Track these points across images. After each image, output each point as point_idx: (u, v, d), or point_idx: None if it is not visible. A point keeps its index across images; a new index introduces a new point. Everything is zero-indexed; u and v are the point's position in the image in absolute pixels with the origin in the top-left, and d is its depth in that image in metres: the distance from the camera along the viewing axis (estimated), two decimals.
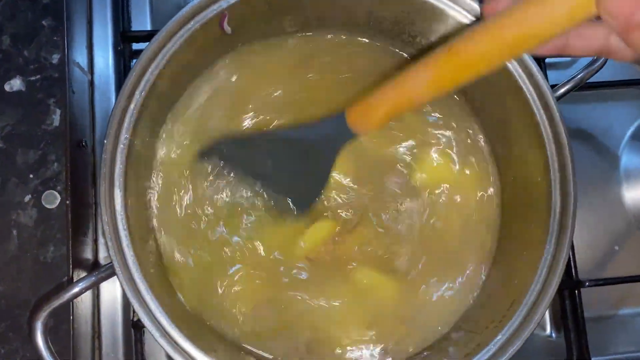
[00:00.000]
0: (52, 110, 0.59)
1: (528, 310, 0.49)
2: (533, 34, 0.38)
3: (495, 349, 0.49)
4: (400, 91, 0.47)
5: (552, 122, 0.51)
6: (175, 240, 0.56)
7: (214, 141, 0.57)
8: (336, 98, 0.57)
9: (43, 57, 0.60)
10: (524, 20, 0.37)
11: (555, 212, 0.51)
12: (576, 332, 0.66)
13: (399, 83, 0.46)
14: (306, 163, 0.56)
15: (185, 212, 0.56)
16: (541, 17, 0.37)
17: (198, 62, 0.55)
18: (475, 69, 0.42)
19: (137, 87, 0.48)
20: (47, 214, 0.57)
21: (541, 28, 0.37)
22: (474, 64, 0.42)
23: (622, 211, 0.75)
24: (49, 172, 0.58)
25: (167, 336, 0.46)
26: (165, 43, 0.49)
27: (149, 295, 0.46)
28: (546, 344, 0.71)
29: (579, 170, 0.52)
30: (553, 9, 0.36)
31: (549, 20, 0.36)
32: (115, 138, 0.47)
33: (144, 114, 0.49)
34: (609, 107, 0.78)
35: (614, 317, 0.74)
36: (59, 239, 0.57)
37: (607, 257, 0.74)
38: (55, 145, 0.58)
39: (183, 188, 0.57)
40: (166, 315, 0.46)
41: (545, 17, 0.36)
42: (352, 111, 0.51)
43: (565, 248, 0.49)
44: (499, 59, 0.42)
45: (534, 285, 0.50)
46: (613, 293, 0.73)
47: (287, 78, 0.60)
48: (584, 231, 0.74)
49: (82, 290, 0.46)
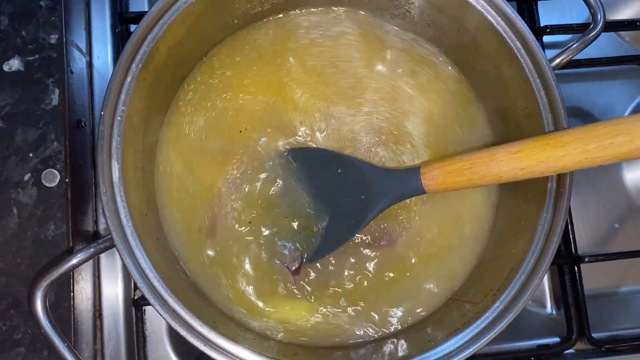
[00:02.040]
0: (51, 90, 0.59)
1: (525, 279, 0.50)
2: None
3: (493, 316, 0.49)
4: (488, 169, 0.48)
5: (547, 91, 0.51)
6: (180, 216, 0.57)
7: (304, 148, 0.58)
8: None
9: (41, 38, 0.60)
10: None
11: (552, 180, 0.51)
12: (576, 308, 0.66)
13: (488, 162, 0.48)
14: (350, 204, 0.55)
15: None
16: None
17: (197, 37, 0.56)
18: (572, 165, 0.45)
19: (133, 59, 0.48)
20: (47, 192, 0.57)
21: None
22: (574, 160, 0.44)
23: (622, 190, 0.76)
24: (49, 151, 0.58)
25: (165, 305, 0.46)
26: (161, 15, 0.49)
27: (148, 265, 0.47)
28: (547, 321, 0.71)
29: None
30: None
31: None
32: (112, 110, 0.48)
33: (141, 86, 0.49)
34: (607, 85, 0.78)
35: (615, 294, 0.74)
36: (59, 217, 0.57)
37: (607, 235, 0.74)
38: (54, 124, 0.58)
39: (190, 164, 0.57)
40: (164, 284, 0.46)
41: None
42: (430, 171, 0.52)
43: (561, 216, 0.50)
44: (600, 161, 0.44)
45: (531, 254, 0.50)
46: (614, 271, 0.73)
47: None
48: (585, 210, 0.74)
49: (80, 261, 0.46)
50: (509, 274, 0.50)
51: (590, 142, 0.43)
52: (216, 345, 0.46)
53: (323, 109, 0.60)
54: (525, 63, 0.52)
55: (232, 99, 0.59)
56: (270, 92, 0.60)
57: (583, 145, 0.44)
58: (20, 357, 0.55)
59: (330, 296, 0.57)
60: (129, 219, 0.47)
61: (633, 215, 0.75)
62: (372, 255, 0.58)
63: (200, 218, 0.57)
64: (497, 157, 0.48)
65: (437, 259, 0.58)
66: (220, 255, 0.56)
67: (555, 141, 0.45)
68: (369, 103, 0.60)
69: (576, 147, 0.44)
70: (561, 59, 0.53)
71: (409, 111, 0.60)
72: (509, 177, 0.48)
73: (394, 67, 0.61)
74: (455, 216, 0.59)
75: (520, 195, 0.55)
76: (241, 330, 0.53)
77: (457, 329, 0.49)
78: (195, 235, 0.57)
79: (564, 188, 0.50)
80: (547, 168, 0.46)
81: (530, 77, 0.52)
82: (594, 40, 0.54)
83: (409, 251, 0.58)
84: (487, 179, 0.49)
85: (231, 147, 0.58)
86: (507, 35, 0.52)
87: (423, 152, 0.59)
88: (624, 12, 0.82)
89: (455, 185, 0.51)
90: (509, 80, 0.54)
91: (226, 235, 0.57)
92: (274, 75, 0.60)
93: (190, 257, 0.56)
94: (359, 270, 0.58)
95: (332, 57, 0.61)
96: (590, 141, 0.43)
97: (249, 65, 0.60)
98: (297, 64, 0.60)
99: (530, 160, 0.46)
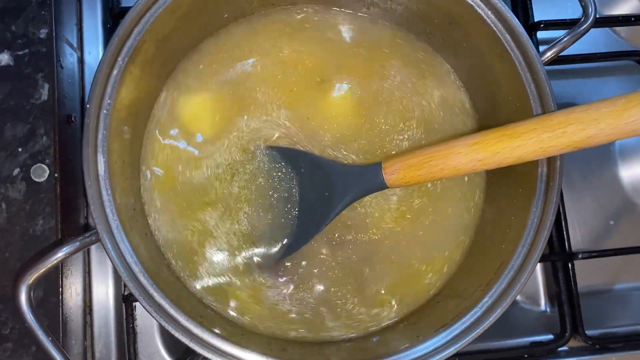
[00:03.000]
0: (41, 84, 0.59)
1: (515, 273, 0.49)
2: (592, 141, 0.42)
3: (481, 311, 0.48)
4: (447, 162, 0.49)
5: (537, 84, 0.51)
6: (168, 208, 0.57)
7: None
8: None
9: (31, 32, 0.60)
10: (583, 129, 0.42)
11: (542, 175, 0.50)
12: (569, 305, 0.66)
13: (447, 154, 0.49)
14: (316, 200, 0.56)
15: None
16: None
17: (186, 30, 0.55)
18: (527, 155, 0.45)
19: (120, 52, 0.48)
20: (36, 187, 0.57)
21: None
22: (529, 150, 0.44)
23: (618, 186, 0.75)
24: (38, 146, 0.58)
25: (151, 299, 0.46)
26: (148, 7, 0.49)
27: (133, 259, 0.46)
28: (541, 318, 0.71)
29: None
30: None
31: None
32: (98, 103, 0.47)
33: (128, 79, 0.49)
34: (603, 82, 0.78)
35: (610, 291, 0.73)
36: (48, 212, 0.57)
37: (602, 231, 0.74)
38: (43, 119, 0.58)
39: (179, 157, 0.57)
40: (150, 279, 0.46)
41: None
42: (391, 166, 0.53)
43: (551, 211, 0.49)
44: (555, 150, 0.44)
45: (520, 248, 0.50)
46: (609, 268, 0.73)
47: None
48: (580, 206, 0.73)
49: (66, 255, 0.46)
50: (499, 269, 0.50)
51: (544, 132, 0.43)
52: (202, 340, 0.46)
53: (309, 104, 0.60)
54: (515, 56, 0.52)
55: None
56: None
57: (538, 135, 0.44)
58: (8, 353, 0.55)
59: (315, 291, 0.57)
60: (114, 213, 0.47)
61: (628, 212, 0.75)
62: (357, 250, 0.58)
63: (186, 212, 0.57)
64: (455, 149, 0.48)
65: (426, 254, 0.58)
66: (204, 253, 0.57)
67: (512, 132, 0.45)
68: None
69: (531, 137, 0.44)
70: (552, 53, 0.53)
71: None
72: (467, 169, 0.48)
73: (382, 62, 0.61)
74: (444, 211, 0.59)
75: (511, 190, 0.55)
76: (228, 326, 0.52)
77: (445, 324, 0.49)
78: (181, 232, 0.56)
79: (553, 182, 0.50)
80: (503, 159, 0.46)
81: (520, 70, 0.51)
82: (585, 34, 0.53)
83: (396, 247, 0.58)
84: (447, 172, 0.49)
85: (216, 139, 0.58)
86: (497, 28, 0.52)
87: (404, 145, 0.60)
88: (621, 7, 0.81)
89: (416, 179, 0.51)
90: (500, 74, 0.54)
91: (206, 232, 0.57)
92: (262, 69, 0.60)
93: (178, 253, 0.56)
94: (344, 265, 0.58)
95: (325, 53, 0.61)
96: (544, 131, 0.43)
97: (237, 59, 0.59)
98: (286, 58, 0.60)
99: (487, 152, 0.46)
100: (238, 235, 0.57)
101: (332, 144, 0.59)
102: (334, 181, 0.55)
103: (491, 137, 0.47)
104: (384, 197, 0.59)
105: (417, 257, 0.58)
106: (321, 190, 0.56)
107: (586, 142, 0.43)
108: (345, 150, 0.59)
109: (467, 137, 0.48)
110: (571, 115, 0.43)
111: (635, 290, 0.73)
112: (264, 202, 0.58)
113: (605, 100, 0.43)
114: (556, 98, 0.73)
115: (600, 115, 0.42)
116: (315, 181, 0.56)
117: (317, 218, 0.56)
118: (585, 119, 0.42)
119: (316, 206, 0.56)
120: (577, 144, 0.43)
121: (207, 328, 0.46)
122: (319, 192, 0.56)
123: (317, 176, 0.56)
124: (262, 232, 0.57)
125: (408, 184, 0.54)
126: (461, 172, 0.49)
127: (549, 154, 0.45)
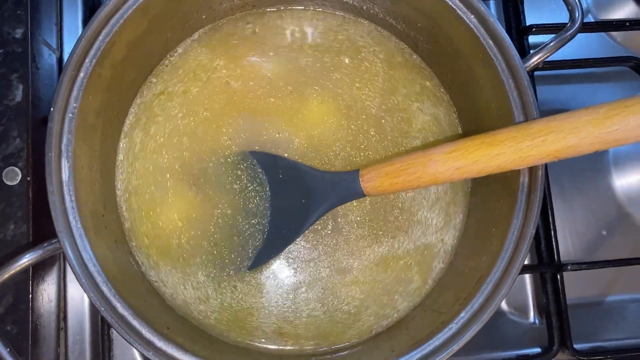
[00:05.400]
0: (15, 85, 0.58)
1: (493, 288, 0.47)
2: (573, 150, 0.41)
3: (457, 327, 0.47)
4: (424, 170, 0.47)
5: (520, 92, 0.49)
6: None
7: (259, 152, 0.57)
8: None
9: (6, 32, 0.59)
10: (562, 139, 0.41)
11: (523, 186, 0.49)
12: (558, 318, 0.64)
13: (425, 162, 0.47)
14: (292, 208, 0.55)
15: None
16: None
17: (160, 31, 0.54)
18: (507, 164, 0.44)
19: (87, 54, 0.46)
20: (7, 191, 0.56)
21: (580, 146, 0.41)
22: (508, 158, 0.43)
23: (611, 196, 0.73)
24: (11, 148, 0.57)
25: (113, 310, 0.44)
26: (118, 8, 0.47)
27: (96, 268, 0.45)
28: (529, 331, 0.69)
29: None
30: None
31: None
32: (63, 107, 0.46)
33: (97, 82, 0.48)
34: (598, 87, 0.76)
35: (602, 304, 0.71)
36: (20, 217, 0.56)
37: (595, 242, 0.72)
38: (17, 121, 0.57)
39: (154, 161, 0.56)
40: (113, 289, 0.44)
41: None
42: (368, 173, 0.51)
43: (531, 223, 0.48)
44: (535, 160, 0.43)
45: (500, 261, 0.48)
46: (601, 279, 0.71)
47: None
48: (572, 216, 0.72)
49: (27, 263, 0.44)
50: (477, 282, 0.48)
51: (524, 140, 0.42)
52: (165, 353, 0.44)
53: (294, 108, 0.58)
54: (498, 62, 0.50)
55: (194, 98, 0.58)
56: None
57: (517, 144, 0.42)
58: None
59: (285, 303, 0.56)
60: (78, 220, 0.45)
61: (622, 222, 0.73)
62: (335, 261, 0.57)
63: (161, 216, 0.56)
64: (433, 157, 0.47)
65: (404, 266, 0.57)
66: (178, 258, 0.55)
67: (491, 140, 0.44)
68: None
69: (511, 145, 0.43)
70: (537, 58, 0.51)
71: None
72: (445, 178, 0.47)
73: (362, 67, 0.60)
74: (426, 222, 0.58)
75: (492, 202, 0.53)
76: (197, 335, 0.51)
77: (421, 339, 0.47)
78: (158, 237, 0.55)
79: (535, 194, 0.48)
80: (482, 167, 0.44)
81: (503, 77, 0.50)
82: (572, 39, 0.51)
83: (374, 258, 0.57)
84: (424, 180, 0.48)
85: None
86: (479, 33, 0.50)
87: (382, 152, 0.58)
88: (618, 12, 0.79)
89: (393, 187, 0.50)
90: (483, 81, 0.52)
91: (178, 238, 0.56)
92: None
93: (152, 260, 0.54)
94: (320, 277, 0.57)
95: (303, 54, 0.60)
96: (524, 139, 0.42)
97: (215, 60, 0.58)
98: (266, 61, 0.59)
99: (466, 160, 0.45)
100: (211, 243, 0.56)
101: (309, 152, 0.58)
102: (311, 188, 0.54)
103: (470, 144, 0.45)
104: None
105: (397, 269, 0.57)
106: (298, 198, 0.54)
107: (567, 152, 0.41)
108: (323, 158, 0.58)
109: (446, 145, 0.47)
110: (551, 123, 0.42)
111: (626, 303, 0.71)
112: (238, 209, 0.56)
113: (588, 109, 0.41)
114: (549, 104, 0.73)
115: (581, 123, 0.40)
116: (292, 188, 0.55)
117: (293, 226, 0.54)
118: (565, 127, 0.41)
119: (292, 214, 0.55)
120: (557, 153, 0.42)
121: (172, 340, 0.45)
122: (295, 199, 0.55)
123: (294, 182, 0.55)
124: (235, 240, 0.56)
125: (385, 192, 0.52)
126: (439, 181, 0.48)
127: (529, 163, 0.43)
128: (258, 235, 0.56)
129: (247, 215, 0.56)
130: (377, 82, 0.59)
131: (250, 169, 0.57)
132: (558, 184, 0.71)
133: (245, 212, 0.56)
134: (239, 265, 0.56)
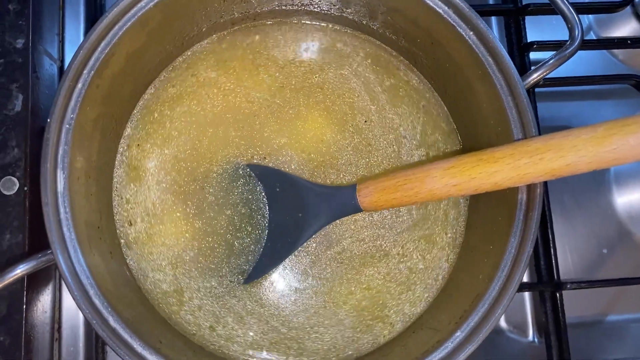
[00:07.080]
0: (15, 95, 0.58)
1: (489, 307, 0.47)
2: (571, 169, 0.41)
3: (452, 346, 0.46)
4: (422, 186, 0.47)
5: (519, 109, 0.49)
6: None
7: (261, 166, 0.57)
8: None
9: (7, 42, 0.59)
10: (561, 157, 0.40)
11: (521, 203, 0.48)
12: (557, 336, 0.63)
13: (422, 178, 0.47)
14: (289, 222, 0.55)
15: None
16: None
17: (160, 43, 0.54)
18: (504, 182, 0.43)
19: (85, 65, 0.46)
20: (4, 200, 0.56)
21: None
22: (506, 176, 0.43)
23: (613, 214, 0.73)
24: (9, 158, 0.57)
25: (105, 323, 0.44)
26: (117, 20, 0.47)
27: (89, 281, 0.45)
28: (528, 350, 0.68)
29: None
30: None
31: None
32: (60, 118, 0.46)
33: (94, 93, 0.47)
34: (600, 105, 0.76)
35: (602, 323, 0.70)
36: (16, 226, 0.56)
37: (596, 260, 0.71)
38: (16, 130, 0.57)
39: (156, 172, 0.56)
40: (106, 301, 0.44)
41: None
42: (365, 188, 0.51)
43: (529, 241, 0.47)
44: (532, 177, 0.42)
45: (496, 280, 0.47)
46: (601, 298, 0.70)
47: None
48: (573, 234, 0.71)
49: (21, 274, 0.44)
50: (474, 301, 0.48)
51: (521, 158, 0.42)
52: None
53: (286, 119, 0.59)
54: (497, 80, 0.50)
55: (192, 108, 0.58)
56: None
57: (515, 161, 0.42)
58: None
59: (284, 317, 0.56)
60: (72, 231, 0.45)
61: (623, 241, 0.72)
62: (331, 276, 0.56)
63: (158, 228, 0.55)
64: (430, 173, 0.46)
65: (400, 283, 0.56)
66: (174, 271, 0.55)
67: (488, 157, 0.44)
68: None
69: (508, 162, 0.42)
70: (536, 76, 0.51)
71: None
72: (442, 194, 0.46)
73: (362, 81, 0.60)
74: (425, 239, 0.58)
75: (490, 220, 0.53)
76: (189, 349, 0.50)
77: (415, 357, 0.47)
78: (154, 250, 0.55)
79: (533, 211, 0.48)
80: (479, 184, 0.44)
81: (502, 94, 0.50)
82: (571, 57, 0.51)
83: (368, 274, 0.57)
84: (421, 196, 0.47)
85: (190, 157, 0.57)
86: (479, 50, 0.50)
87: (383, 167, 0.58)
88: (620, 30, 0.79)
89: (390, 203, 0.50)
90: (482, 97, 0.52)
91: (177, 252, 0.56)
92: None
93: (147, 272, 0.54)
94: (316, 292, 0.56)
95: (302, 67, 0.60)
96: (521, 157, 0.42)
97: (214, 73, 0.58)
98: (265, 74, 0.59)
99: (463, 176, 0.44)
100: (207, 256, 0.55)
101: (307, 166, 0.58)
102: (308, 202, 0.54)
103: (467, 161, 0.45)
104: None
105: (394, 286, 0.57)
106: (295, 211, 0.54)
107: (565, 170, 0.41)
108: (321, 172, 0.58)
109: (443, 161, 0.47)
110: (550, 141, 0.41)
111: (627, 323, 0.70)
112: (235, 222, 0.56)
113: (586, 127, 0.41)
114: (551, 121, 0.72)
115: (579, 142, 0.40)
116: (289, 201, 0.55)
117: (290, 240, 0.54)
118: (564, 145, 0.41)
119: (289, 228, 0.54)
120: (555, 171, 0.41)
121: (164, 355, 0.44)
122: (292, 213, 0.54)
123: (292, 196, 0.55)
124: (232, 253, 0.56)
125: (383, 208, 0.52)
126: (436, 197, 0.47)
127: (527, 181, 0.43)
128: (254, 249, 0.56)
129: (244, 229, 0.56)
130: (376, 96, 0.59)
131: (248, 182, 0.57)
132: (559, 201, 0.70)
133: (242, 225, 0.56)
134: (235, 278, 0.55)
